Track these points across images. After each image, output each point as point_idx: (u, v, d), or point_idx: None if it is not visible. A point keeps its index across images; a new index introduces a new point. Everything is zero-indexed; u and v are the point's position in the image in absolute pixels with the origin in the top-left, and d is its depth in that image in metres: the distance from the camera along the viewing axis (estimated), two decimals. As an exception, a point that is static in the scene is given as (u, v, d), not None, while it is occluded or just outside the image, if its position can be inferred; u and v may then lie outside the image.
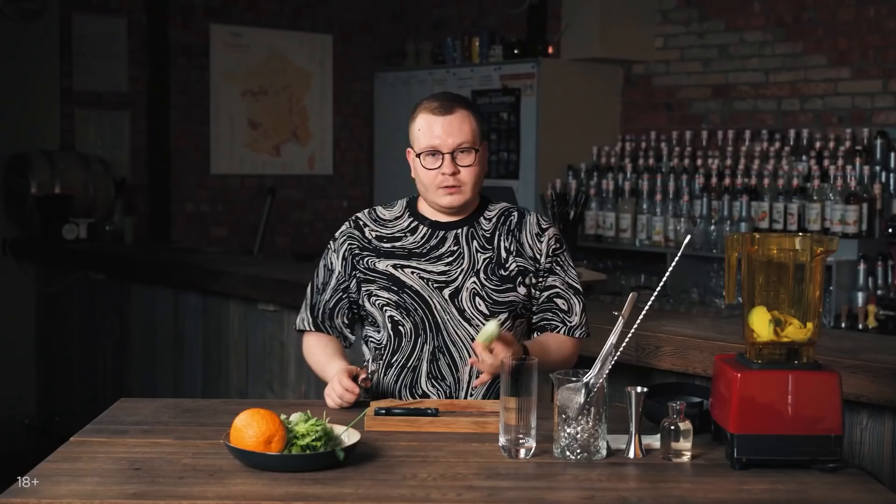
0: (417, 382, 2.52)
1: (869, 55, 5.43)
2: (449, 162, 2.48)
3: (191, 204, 6.79)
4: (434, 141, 2.49)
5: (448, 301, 2.50)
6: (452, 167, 2.49)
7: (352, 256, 2.60)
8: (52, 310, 5.77)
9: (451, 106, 2.50)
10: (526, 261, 2.55)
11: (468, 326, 2.50)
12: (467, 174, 2.50)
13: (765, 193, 5.24)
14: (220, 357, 4.63)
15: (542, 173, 6.22)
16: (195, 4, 6.74)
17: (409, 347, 2.52)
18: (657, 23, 6.30)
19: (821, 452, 2.00)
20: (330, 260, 2.65)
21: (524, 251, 2.55)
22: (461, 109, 2.50)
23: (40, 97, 6.04)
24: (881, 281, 4.89)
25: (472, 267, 2.52)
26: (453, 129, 2.48)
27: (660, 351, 2.95)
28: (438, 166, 2.49)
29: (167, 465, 2.00)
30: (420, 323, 2.51)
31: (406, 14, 7.58)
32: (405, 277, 2.53)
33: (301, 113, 7.22)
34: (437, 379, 2.51)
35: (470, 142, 2.49)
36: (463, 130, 2.48)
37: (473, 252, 2.54)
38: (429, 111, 2.51)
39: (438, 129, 2.49)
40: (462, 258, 2.53)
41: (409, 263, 2.54)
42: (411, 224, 2.59)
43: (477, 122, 2.53)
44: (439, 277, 2.52)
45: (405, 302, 2.51)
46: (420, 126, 2.52)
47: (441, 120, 2.49)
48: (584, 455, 2.05)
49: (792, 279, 2.07)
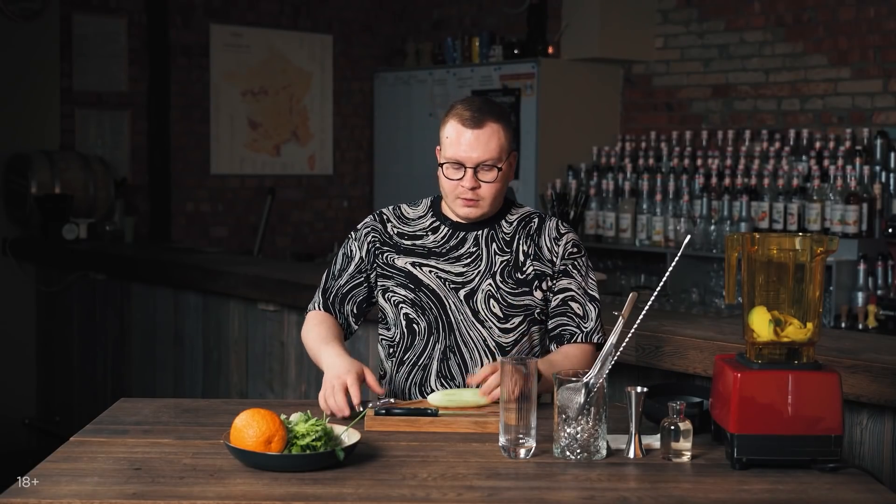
0: (427, 381, 2.53)
1: (869, 55, 5.43)
2: (471, 176, 2.46)
3: (191, 204, 6.79)
4: (459, 153, 2.47)
5: (463, 302, 2.51)
6: (473, 181, 2.47)
7: (374, 249, 2.60)
8: (52, 310, 5.77)
9: (481, 119, 2.46)
10: (544, 264, 2.54)
11: (481, 328, 2.50)
12: (487, 190, 2.48)
13: (765, 193, 5.24)
14: (220, 357, 4.63)
15: (542, 173, 6.23)
16: (195, 4, 6.74)
17: (422, 346, 2.53)
18: (657, 23, 6.30)
19: (821, 452, 2.00)
20: (350, 248, 2.64)
21: (542, 254, 2.55)
22: (492, 123, 2.46)
23: (40, 97, 6.04)
24: (881, 281, 4.89)
25: (488, 269, 2.52)
26: (479, 145, 2.45)
27: (660, 351, 2.95)
28: (460, 178, 2.48)
29: (167, 465, 2.00)
30: (434, 322, 2.52)
31: (406, 14, 7.58)
32: (423, 276, 2.53)
33: (301, 113, 7.22)
34: (447, 378, 2.52)
35: (495, 159, 2.46)
36: (490, 147, 2.46)
37: (492, 254, 2.54)
38: (460, 121, 2.47)
39: (465, 142, 2.46)
40: (480, 260, 2.54)
41: (428, 262, 2.54)
42: (433, 223, 2.59)
43: (507, 134, 2.49)
44: (456, 278, 2.52)
45: (421, 300, 2.52)
46: (448, 134, 2.50)
47: (469, 133, 2.46)
48: (584, 455, 2.06)
49: (792, 279, 2.07)
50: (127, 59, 6.45)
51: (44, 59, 6.04)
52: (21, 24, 5.90)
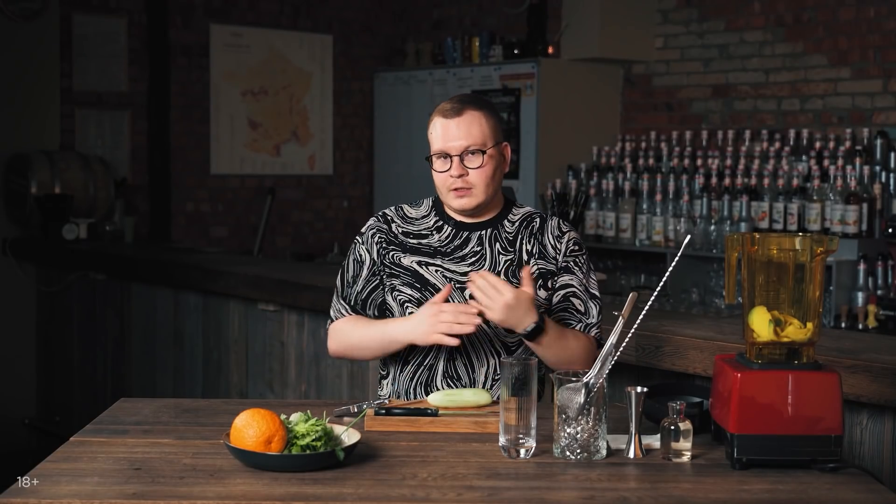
0: (433, 381, 2.53)
1: (869, 55, 5.43)
2: (457, 164, 2.48)
3: (191, 204, 6.79)
4: (443, 144, 2.49)
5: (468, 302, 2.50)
6: (460, 169, 2.48)
7: (381, 249, 2.59)
8: (52, 310, 5.77)
9: (460, 108, 2.50)
10: (548, 262, 2.55)
11: (486, 328, 2.50)
12: (476, 176, 2.49)
13: (765, 193, 5.24)
14: (220, 357, 4.63)
15: (542, 173, 6.22)
16: (195, 4, 6.74)
17: (427, 346, 2.52)
18: (657, 23, 6.30)
19: (821, 452, 2.00)
20: (359, 253, 2.62)
21: (546, 252, 2.56)
22: (472, 110, 2.49)
23: (40, 97, 6.04)
24: (881, 281, 4.89)
25: (492, 269, 2.52)
26: (461, 132, 2.48)
27: (660, 351, 2.95)
28: (448, 169, 2.49)
29: (167, 465, 2.00)
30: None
31: (406, 14, 7.58)
32: (429, 275, 2.53)
33: (301, 113, 7.22)
34: (453, 378, 2.52)
35: (479, 143, 2.48)
36: (471, 133, 2.47)
37: (496, 254, 2.54)
38: (441, 114, 2.52)
39: (447, 131, 2.49)
40: (484, 259, 2.54)
41: (434, 261, 2.54)
42: (437, 223, 2.59)
43: (490, 121, 2.51)
44: (461, 278, 2.52)
45: (426, 300, 2.51)
46: (433, 130, 2.53)
47: (450, 122, 2.49)
48: (584, 455, 2.06)
49: (792, 279, 2.07)
50: (127, 59, 6.45)
51: (44, 59, 6.04)
52: (21, 24, 5.90)
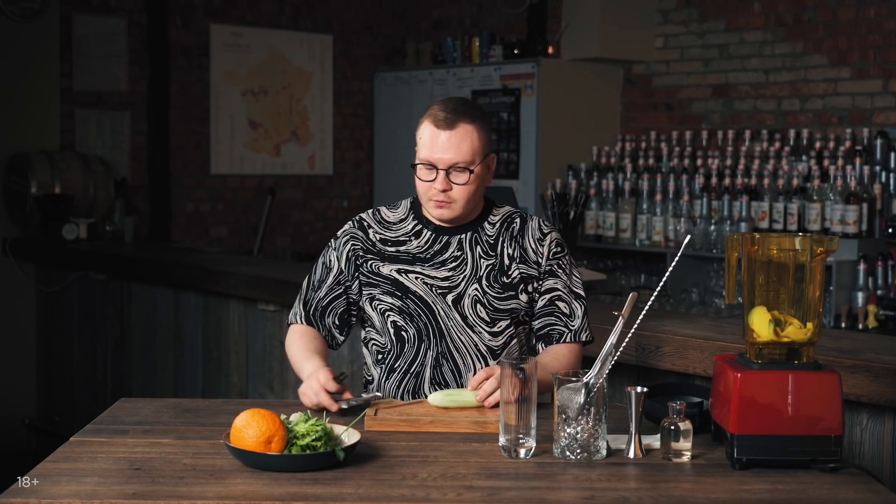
0: (420, 388, 2.51)
1: (869, 55, 5.43)
2: (442, 178, 2.43)
3: (191, 204, 6.79)
4: (431, 155, 2.44)
5: (451, 307, 2.49)
6: (445, 184, 2.44)
7: (355, 258, 2.56)
8: (52, 310, 5.77)
9: (454, 120, 2.43)
10: (529, 266, 2.53)
11: (471, 333, 2.49)
12: (459, 192, 2.45)
13: (765, 193, 5.24)
14: (220, 357, 4.63)
15: (542, 173, 6.23)
16: (195, 4, 6.74)
17: (413, 353, 2.51)
18: (657, 23, 6.30)
19: (821, 452, 2.00)
20: (329, 258, 2.61)
21: (528, 256, 2.53)
22: (465, 124, 2.43)
23: (40, 97, 6.03)
24: (881, 281, 4.89)
25: (474, 273, 2.50)
26: (451, 147, 2.42)
27: (660, 351, 2.95)
28: (432, 180, 2.45)
29: (167, 465, 2.00)
30: (424, 329, 2.49)
31: (406, 14, 7.58)
32: (409, 283, 2.50)
33: (301, 113, 7.22)
34: (440, 385, 2.50)
35: (467, 161, 2.43)
36: (461, 149, 2.42)
37: (476, 258, 2.52)
38: (433, 122, 2.45)
39: (437, 143, 2.43)
40: (465, 264, 2.51)
41: (414, 269, 2.51)
42: (415, 227, 2.56)
43: (481, 136, 2.45)
44: (443, 283, 2.50)
45: (409, 307, 2.49)
46: (422, 135, 2.47)
47: (442, 134, 2.43)
48: (584, 455, 2.05)
49: (792, 279, 2.06)
50: (127, 59, 6.45)
51: (44, 59, 6.04)
52: (21, 24, 5.90)
